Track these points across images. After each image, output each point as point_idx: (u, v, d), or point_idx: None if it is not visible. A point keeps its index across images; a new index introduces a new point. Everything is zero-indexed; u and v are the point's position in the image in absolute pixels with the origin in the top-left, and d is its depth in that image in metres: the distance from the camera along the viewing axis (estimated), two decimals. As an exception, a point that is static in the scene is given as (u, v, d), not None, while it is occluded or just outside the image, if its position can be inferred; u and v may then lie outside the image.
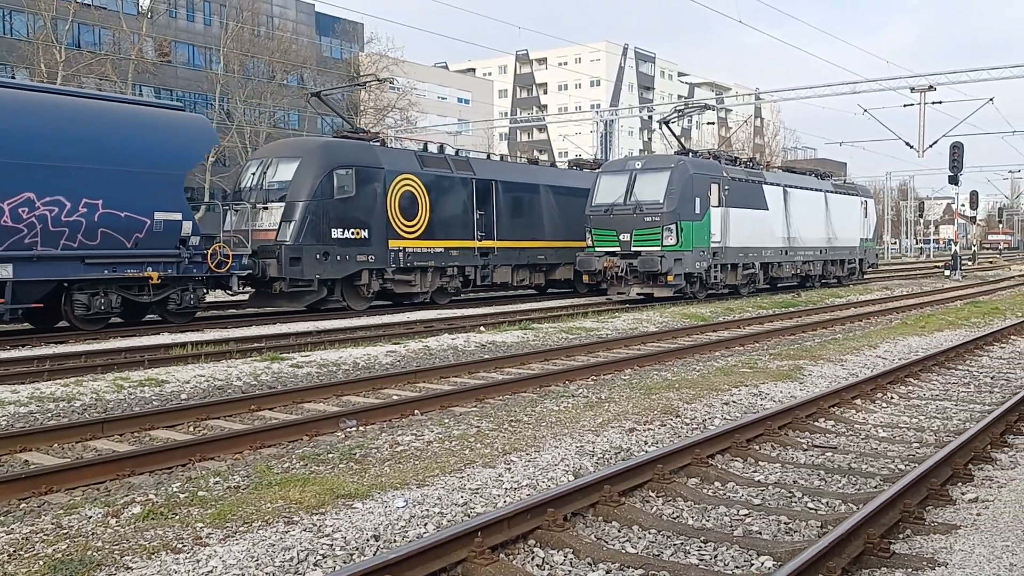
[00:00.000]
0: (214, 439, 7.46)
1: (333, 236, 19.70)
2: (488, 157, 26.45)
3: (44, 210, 14.85)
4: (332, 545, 4.83)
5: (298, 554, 4.66)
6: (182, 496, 5.78)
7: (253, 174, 20.25)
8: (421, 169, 22.20)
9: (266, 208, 19.41)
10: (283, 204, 19.25)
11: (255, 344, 14.03)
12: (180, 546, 4.78)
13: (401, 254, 21.26)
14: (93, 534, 5.02)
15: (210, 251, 17.35)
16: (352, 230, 20.09)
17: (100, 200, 15.51)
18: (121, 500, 5.72)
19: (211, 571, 4.43)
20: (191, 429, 8.38)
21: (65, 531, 5.08)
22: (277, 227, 19.10)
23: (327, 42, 64.15)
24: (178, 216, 16.76)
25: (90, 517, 5.32)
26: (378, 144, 22.38)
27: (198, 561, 4.54)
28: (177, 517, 5.31)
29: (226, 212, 20.22)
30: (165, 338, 14.94)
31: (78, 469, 6.54)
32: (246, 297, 20.47)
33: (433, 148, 24.05)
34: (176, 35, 55.19)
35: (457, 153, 25.19)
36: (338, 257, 19.79)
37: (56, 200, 14.98)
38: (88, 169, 15.36)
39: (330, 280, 19.93)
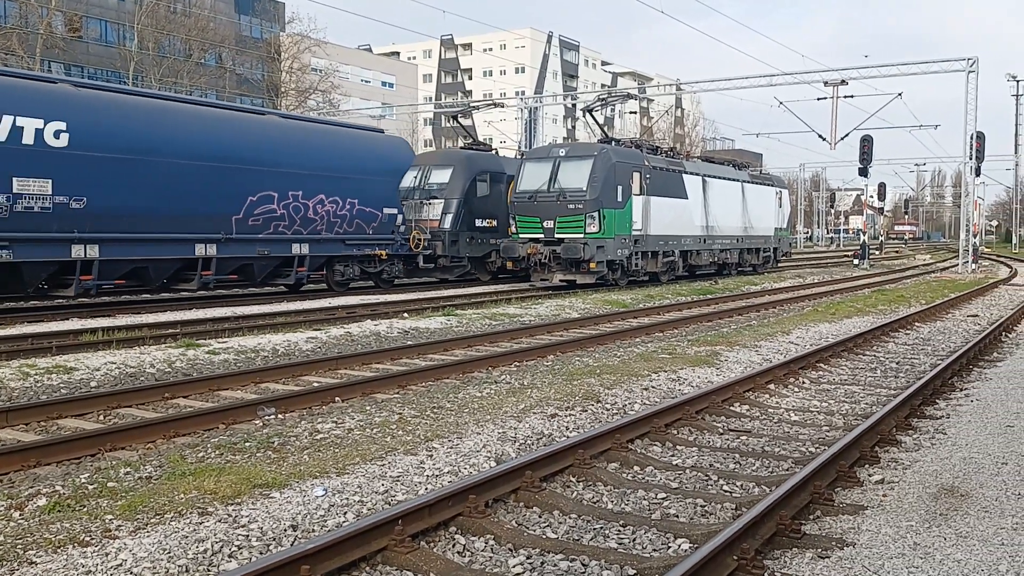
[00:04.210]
0: (125, 428, 7.22)
1: (476, 225, 25.74)
2: None
3: (328, 206, 20.96)
4: (248, 536, 4.72)
5: (212, 546, 4.54)
6: (91, 487, 5.58)
7: (415, 177, 25.68)
8: None
9: (429, 203, 25.38)
10: (442, 200, 25.20)
11: (170, 330, 13.64)
12: (88, 539, 4.62)
13: None
14: (-6, 528, 4.81)
15: (412, 235, 23.47)
16: (487, 220, 26.15)
17: (357, 199, 21.69)
18: (26, 492, 5.50)
19: (120, 564, 4.29)
20: (101, 418, 8.09)
21: (-36, 526, 4.85)
22: (439, 218, 25.03)
23: (246, 21, 62.56)
24: (395, 211, 23.07)
25: (-9, 511, 5.10)
26: (497, 154, 29.05)
27: (107, 554, 4.39)
28: (85, 509, 5.13)
29: None
30: (74, 324, 14.40)
31: (-21, 461, 6.25)
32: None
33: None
34: (88, 10, 53.04)
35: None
36: (479, 240, 26.00)
37: (334, 199, 21.10)
38: (352, 178, 21.49)
39: (473, 258, 25.93)
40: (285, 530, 4.87)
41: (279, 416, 8.10)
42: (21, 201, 15.08)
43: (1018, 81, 68.57)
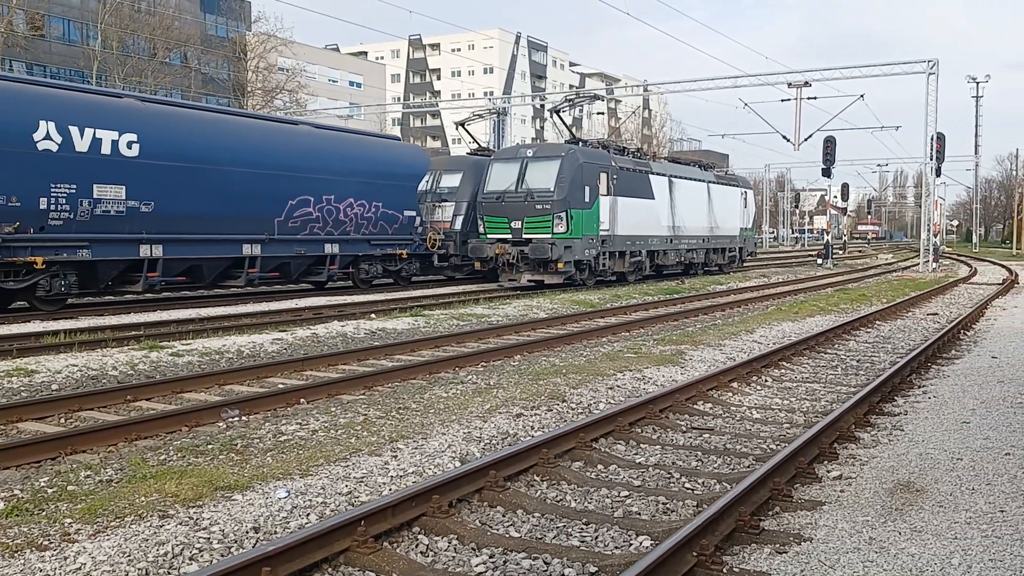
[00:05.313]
0: (86, 431, 7.14)
1: None
2: None
3: (357, 209, 22.86)
4: (209, 539, 4.71)
5: (173, 548, 4.52)
6: (50, 491, 5.53)
7: (427, 181, 26.69)
8: None
9: (440, 206, 26.58)
10: (453, 203, 26.39)
11: (133, 332, 13.50)
12: (46, 543, 4.58)
13: None
14: (-50, 534, 4.74)
15: (429, 236, 25.10)
16: None
17: (381, 203, 23.51)
18: (-17, 497, 5.43)
19: (79, 568, 4.26)
20: (62, 421, 8.00)
21: (-81, 531, 4.78)
22: (451, 220, 26.19)
23: (212, 20, 61.93)
24: (414, 213, 24.89)
25: (-53, 516, 5.02)
26: None
27: (65, 558, 4.36)
28: (44, 513, 5.08)
29: None
30: (36, 326, 14.20)
31: (-65, 466, 6.16)
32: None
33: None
34: (50, 8, 52.16)
35: None
36: None
37: (362, 203, 22.95)
38: (377, 183, 23.30)
39: None
40: (247, 532, 4.85)
41: (243, 418, 8.05)
42: (100, 205, 16.75)
43: (978, 83, 69.88)
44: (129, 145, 17.20)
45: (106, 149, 16.79)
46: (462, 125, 31.95)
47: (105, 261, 17.09)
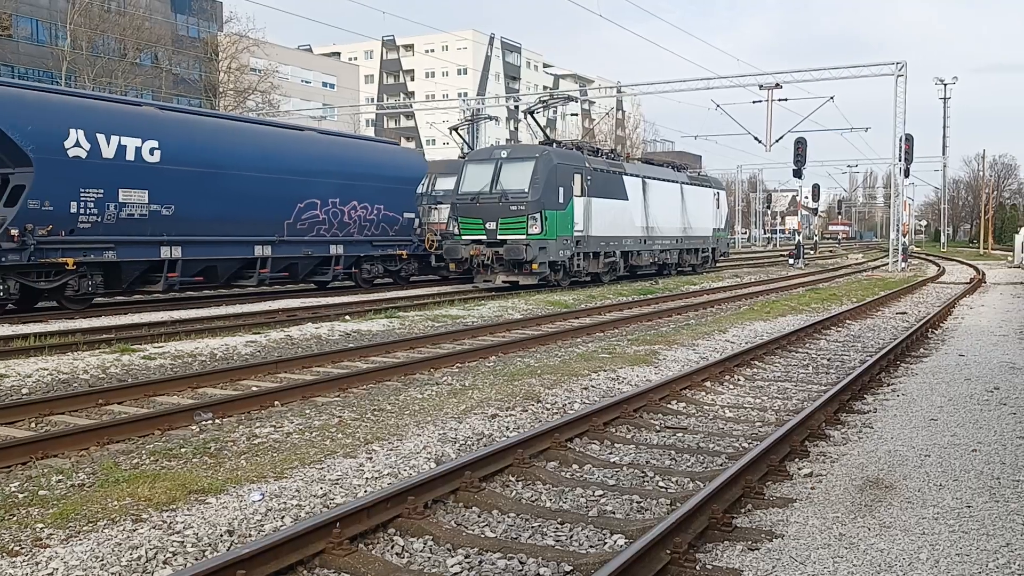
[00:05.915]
0: (57, 435, 7.06)
1: None
2: None
3: (360, 211, 23.98)
4: (183, 542, 4.69)
5: (146, 552, 4.50)
6: (21, 496, 5.48)
7: (423, 184, 27.83)
8: None
9: (436, 208, 27.94)
10: (448, 205, 26.70)
11: (104, 335, 13.36)
12: (17, 549, 4.54)
13: None
14: (-81, 540, 4.69)
15: (427, 237, 26.13)
16: None
17: (382, 205, 24.67)
18: (-49, 503, 5.36)
19: (51, 573, 4.23)
20: (32, 425, 7.92)
21: None
22: (447, 221, 26.71)
23: (183, 20, 61.35)
24: (413, 215, 26.15)
25: (-85, 522, 4.96)
26: None
27: (37, 564, 4.32)
28: (15, 518, 5.04)
29: None
30: (5, 329, 14.02)
31: (-98, 472, 6.07)
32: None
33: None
34: (17, 7, 51.37)
35: None
36: None
37: (365, 205, 24.11)
38: (378, 186, 24.45)
39: None
40: (221, 535, 4.84)
41: (216, 421, 8.00)
42: (125, 209, 17.70)
43: (945, 85, 70.87)
44: (151, 151, 18.17)
45: (130, 155, 17.72)
46: (455, 130, 32.57)
47: (129, 262, 18.00)
